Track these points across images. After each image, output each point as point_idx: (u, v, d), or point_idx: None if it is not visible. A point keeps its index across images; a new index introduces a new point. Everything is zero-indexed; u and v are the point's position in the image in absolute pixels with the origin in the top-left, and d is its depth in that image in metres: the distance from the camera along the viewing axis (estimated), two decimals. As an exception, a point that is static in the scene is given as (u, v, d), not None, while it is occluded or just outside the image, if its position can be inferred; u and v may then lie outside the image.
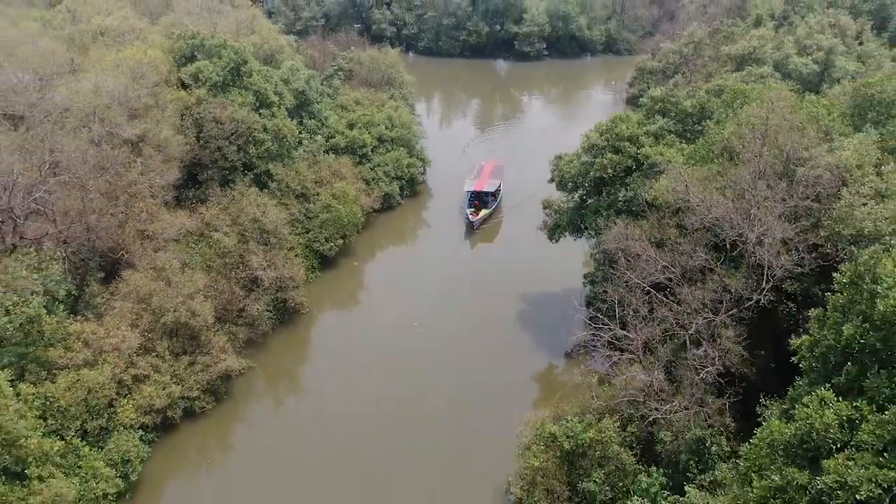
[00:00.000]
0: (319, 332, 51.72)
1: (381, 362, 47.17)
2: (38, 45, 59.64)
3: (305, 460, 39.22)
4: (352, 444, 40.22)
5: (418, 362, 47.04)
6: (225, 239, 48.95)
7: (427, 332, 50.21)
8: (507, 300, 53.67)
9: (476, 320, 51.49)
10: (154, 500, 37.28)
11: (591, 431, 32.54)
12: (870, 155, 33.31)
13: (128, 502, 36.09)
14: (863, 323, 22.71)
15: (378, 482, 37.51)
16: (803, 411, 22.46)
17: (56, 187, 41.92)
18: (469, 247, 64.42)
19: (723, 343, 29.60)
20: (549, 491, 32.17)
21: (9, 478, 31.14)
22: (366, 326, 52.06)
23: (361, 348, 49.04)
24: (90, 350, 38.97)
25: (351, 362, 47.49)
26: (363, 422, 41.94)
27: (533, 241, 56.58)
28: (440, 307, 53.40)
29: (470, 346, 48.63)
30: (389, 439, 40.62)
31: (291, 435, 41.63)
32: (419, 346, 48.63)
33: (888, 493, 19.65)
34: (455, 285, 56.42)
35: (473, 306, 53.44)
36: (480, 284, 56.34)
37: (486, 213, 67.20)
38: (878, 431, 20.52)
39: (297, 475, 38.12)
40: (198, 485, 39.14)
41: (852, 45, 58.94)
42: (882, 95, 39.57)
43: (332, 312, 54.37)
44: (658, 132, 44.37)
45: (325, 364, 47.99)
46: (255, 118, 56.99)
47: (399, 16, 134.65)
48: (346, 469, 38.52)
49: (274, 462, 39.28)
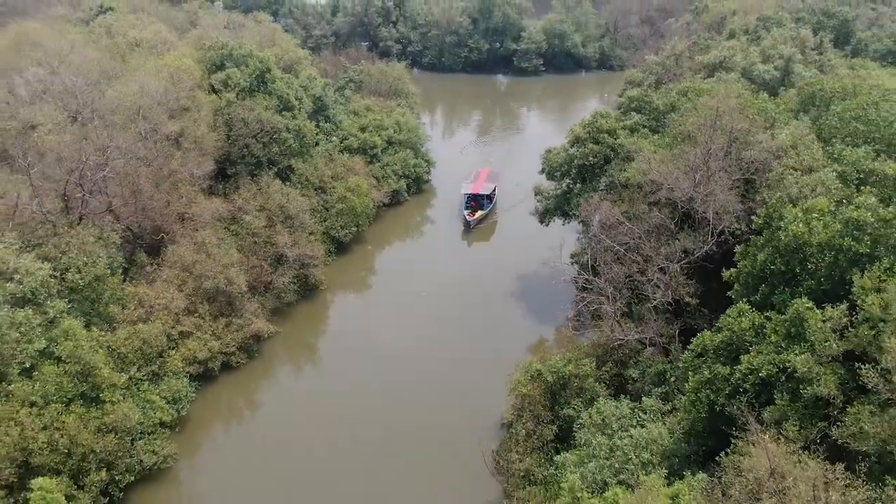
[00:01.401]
0: (336, 303, 58.23)
1: (390, 327, 53.60)
2: (84, 54, 66.81)
3: (325, 411, 45.11)
4: (365, 396, 46.35)
5: (422, 330, 53.28)
6: (255, 221, 55.59)
7: (430, 303, 56.47)
8: (502, 285, 59.42)
9: (473, 301, 57.09)
10: (198, 435, 43.55)
11: (571, 366, 38.96)
12: (804, 138, 39.97)
13: (177, 434, 42.27)
14: (772, 252, 29.25)
15: (387, 424, 43.63)
16: (727, 321, 28.98)
17: (111, 173, 48.71)
18: (466, 244, 70.53)
19: (672, 278, 36.13)
20: (535, 415, 38.47)
21: (87, 401, 37.57)
22: (377, 301, 58.60)
23: (373, 318, 55.54)
24: (143, 309, 45.55)
25: (363, 329, 53.96)
26: (374, 378, 48.19)
27: (527, 239, 62.80)
28: (442, 288, 59.43)
29: (469, 322, 54.48)
30: (398, 390, 46.90)
31: (312, 389, 48.16)
32: (424, 317, 54.97)
33: (783, 372, 26.06)
34: (455, 271, 62.37)
35: (471, 291, 58.74)
36: (477, 273, 61.69)
37: (481, 213, 72.50)
38: (778, 328, 26.97)
39: (317, 424, 44.14)
40: (233, 427, 45.41)
41: (811, 55, 66.02)
42: (821, 93, 46.42)
43: (347, 289, 60.78)
44: (633, 126, 51.25)
45: (342, 329, 54.56)
46: (279, 119, 63.72)
47: (404, 34, 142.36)
48: (361, 412, 44.73)
49: (297, 412, 45.60)
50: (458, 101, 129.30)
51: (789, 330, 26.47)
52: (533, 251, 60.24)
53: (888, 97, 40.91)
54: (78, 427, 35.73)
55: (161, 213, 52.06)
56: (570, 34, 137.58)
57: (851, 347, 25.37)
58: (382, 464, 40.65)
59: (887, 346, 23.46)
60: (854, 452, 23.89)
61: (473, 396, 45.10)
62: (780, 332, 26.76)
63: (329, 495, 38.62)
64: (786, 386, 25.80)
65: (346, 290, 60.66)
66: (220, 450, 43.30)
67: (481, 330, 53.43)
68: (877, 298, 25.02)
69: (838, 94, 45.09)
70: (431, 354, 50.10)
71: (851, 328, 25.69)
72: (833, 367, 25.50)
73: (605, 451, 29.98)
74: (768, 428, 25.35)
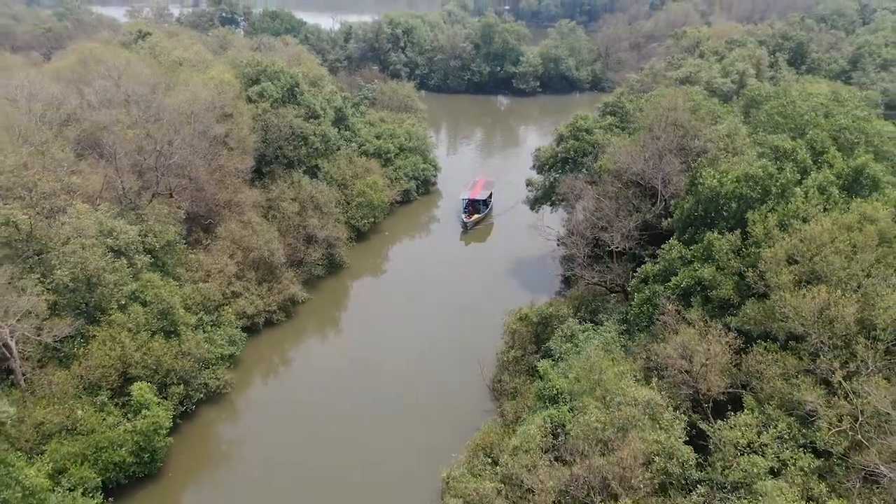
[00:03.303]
0: (357, 280, 68.19)
1: (403, 296, 63.60)
2: (138, 69, 77.59)
3: (347, 365, 54.46)
4: (380, 353, 55.66)
5: (428, 300, 63.17)
6: (290, 207, 65.70)
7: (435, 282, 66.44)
8: (497, 268, 69.54)
9: (472, 282, 67.17)
10: (247, 374, 53.15)
11: (552, 309, 48.74)
12: (737, 129, 50.16)
13: (231, 370, 51.86)
14: (695, 203, 39.24)
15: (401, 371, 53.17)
16: (662, 254, 38.89)
17: (175, 163, 58.91)
18: (464, 244, 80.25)
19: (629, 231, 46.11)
20: (523, 346, 48.18)
21: (167, 334, 47.37)
22: (391, 278, 68.56)
23: (388, 289, 65.54)
24: (203, 271, 55.52)
25: (380, 299, 63.90)
26: (391, 333, 58.02)
27: (520, 238, 72.45)
28: (444, 273, 69.33)
29: (469, 295, 64.41)
30: (411, 347, 56.60)
31: (338, 344, 58.00)
32: (430, 292, 64.84)
33: (698, 283, 35.85)
34: (455, 259, 72.63)
35: (470, 272, 68.89)
36: (475, 259, 72.13)
37: (478, 217, 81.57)
38: (696, 254, 36.84)
39: (343, 368, 53.81)
40: (273, 371, 55.07)
41: (767, 72, 76.51)
42: (759, 97, 56.77)
43: (365, 269, 70.69)
44: (607, 126, 61.52)
45: (362, 300, 64.50)
46: (307, 125, 74.20)
47: (412, 58, 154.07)
48: (376, 366, 54.10)
49: (324, 362, 55.41)
50: (462, 120, 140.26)
51: (703, 254, 36.35)
52: (524, 242, 70.32)
53: (804, 98, 51.19)
54: (162, 350, 45.51)
55: (212, 199, 62.22)
56: (565, 58, 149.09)
57: (743, 264, 35.22)
58: (397, 396, 50.13)
59: (763, 256, 33.36)
60: (744, 333, 33.66)
61: (472, 345, 54.61)
62: (698, 256, 36.63)
63: (351, 421, 47.81)
64: (699, 293, 35.61)
65: (364, 270, 70.59)
66: (263, 386, 52.95)
67: (480, 297, 63.18)
68: (761, 227, 34.96)
69: (770, 97, 55.43)
70: (437, 321, 59.66)
71: (744, 249, 35.58)
72: (732, 277, 35.32)
73: (570, 354, 39.64)
74: (690, 324, 35.11)
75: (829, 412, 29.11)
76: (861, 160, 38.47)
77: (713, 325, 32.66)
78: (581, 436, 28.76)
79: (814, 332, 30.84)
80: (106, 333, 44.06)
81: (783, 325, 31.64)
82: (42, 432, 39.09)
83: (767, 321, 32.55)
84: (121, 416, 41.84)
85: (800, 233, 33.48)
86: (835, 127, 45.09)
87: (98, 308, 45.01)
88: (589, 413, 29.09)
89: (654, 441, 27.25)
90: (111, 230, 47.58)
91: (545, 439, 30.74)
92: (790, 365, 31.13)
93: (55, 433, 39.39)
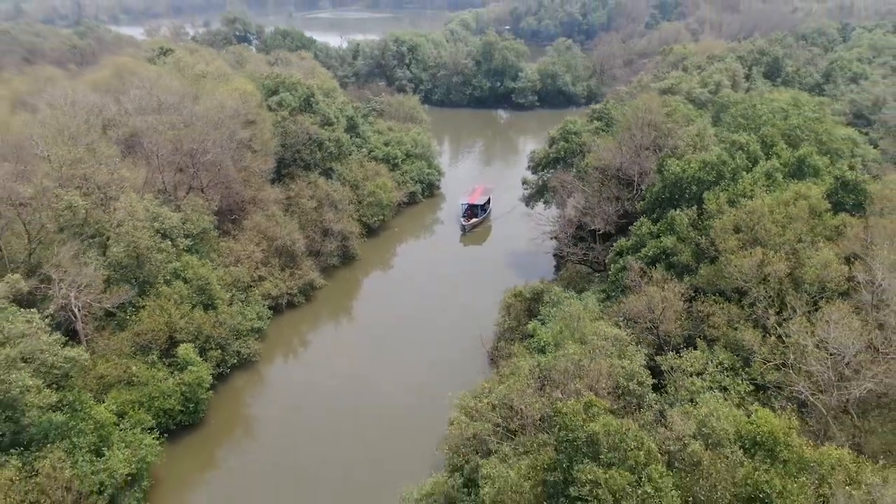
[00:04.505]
0: (367, 271, 74.98)
1: (409, 284, 70.39)
2: (168, 81, 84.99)
3: (361, 342, 61.15)
4: (391, 330, 62.57)
5: (432, 287, 69.92)
6: (308, 203, 72.64)
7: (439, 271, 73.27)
8: (495, 260, 76.26)
9: (472, 272, 73.94)
10: (272, 347, 59.74)
11: (543, 286, 55.40)
12: (706, 130, 57.14)
13: (259, 342, 58.40)
14: (662, 186, 46.10)
15: (411, 342, 59.95)
16: (634, 230, 45.65)
17: (207, 162, 65.94)
18: (463, 245, 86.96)
19: (608, 218, 52.94)
20: (517, 319, 54.78)
21: (205, 307, 54.04)
22: (399, 269, 75.33)
23: (396, 278, 72.31)
24: (233, 257, 62.32)
25: (389, 286, 70.66)
26: (399, 315, 64.75)
27: (515, 238, 79.08)
28: (447, 265, 76.16)
29: (467, 281, 71.23)
30: (419, 325, 63.29)
31: (353, 322, 64.68)
32: (433, 282, 71.61)
33: (663, 252, 42.58)
34: (457, 253, 79.42)
35: (470, 264, 75.83)
36: (475, 254, 78.94)
37: (476, 220, 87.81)
38: (661, 228, 43.62)
39: (357, 350, 60.51)
40: (294, 345, 61.72)
41: (742, 83, 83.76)
42: (728, 103, 63.87)
43: (376, 261, 77.49)
44: (594, 129, 68.58)
45: (372, 286, 71.23)
46: (322, 132, 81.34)
47: (417, 74, 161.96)
48: (386, 342, 60.93)
49: (340, 338, 62.17)
50: (464, 133, 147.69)
51: (667, 228, 43.15)
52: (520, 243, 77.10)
53: (765, 103, 58.28)
54: (202, 319, 52.21)
55: (239, 195, 69.15)
56: (562, 75, 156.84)
57: (699, 234, 41.98)
58: (407, 364, 56.80)
59: (714, 226, 40.15)
60: (700, 290, 40.35)
61: (473, 320, 61.26)
62: (663, 230, 43.42)
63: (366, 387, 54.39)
64: (664, 259, 42.35)
65: (375, 262, 77.42)
66: (284, 359, 59.59)
67: (479, 284, 69.83)
68: (714, 203, 41.77)
69: (737, 102, 62.55)
70: (435, 307, 66.33)
71: (700, 222, 42.38)
72: (690, 245, 42.07)
73: (556, 316, 46.24)
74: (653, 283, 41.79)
75: (763, 349, 35.73)
76: (803, 151, 45.38)
77: (671, 281, 39.37)
78: (561, 368, 35.28)
79: (753, 286, 37.55)
80: (154, 303, 50.78)
81: (729, 281, 38.36)
82: (104, 383, 45.65)
83: (717, 279, 39.27)
84: (168, 372, 48.44)
85: (745, 207, 40.29)
86: (788, 126, 52.04)
87: (146, 282, 51.78)
88: (567, 348, 35.64)
89: (619, 366, 33.77)
90: (157, 215, 54.44)
91: (533, 373, 37.22)
92: (734, 313, 37.81)
93: (115, 384, 45.96)
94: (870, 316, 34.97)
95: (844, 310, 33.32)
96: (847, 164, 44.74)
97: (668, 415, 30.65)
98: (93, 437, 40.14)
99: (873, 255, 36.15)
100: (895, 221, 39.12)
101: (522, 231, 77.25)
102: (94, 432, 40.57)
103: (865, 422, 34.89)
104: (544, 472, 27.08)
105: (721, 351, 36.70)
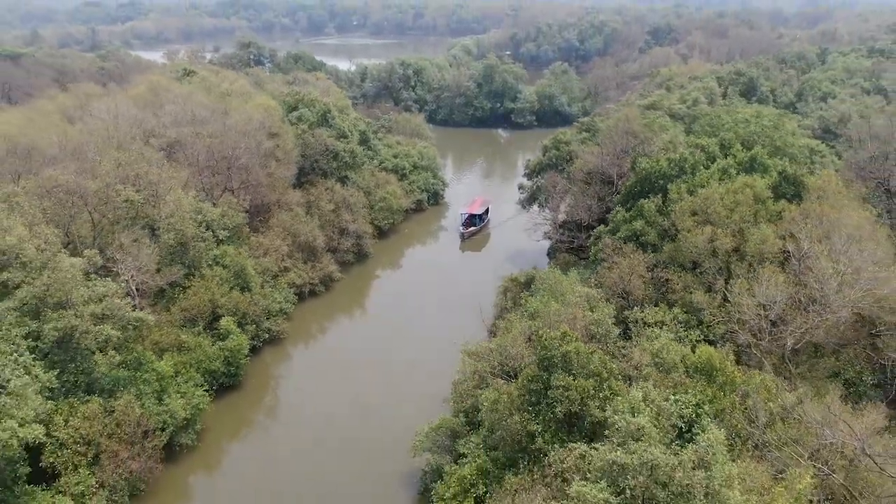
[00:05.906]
0: (379, 268, 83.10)
1: (418, 275, 78.38)
2: (198, 97, 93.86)
3: (372, 331, 69.31)
4: (399, 315, 70.60)
5: (435, 280, 78.01)
6: (327, 206, 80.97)
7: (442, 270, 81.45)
8: (494, 258, 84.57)
9: (472, 270, 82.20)
10: (296, 328, 67.66)
11: (535, 272, 63.40)
12: (677, 137, 65.61)
13: (284, 322, 66.26)
14: (635, 181, 54.36)
15: (414, 319, 67.88)
16: (611, 217, 53.81)
17: (239, 166, 74.38)
18: (463, 250, 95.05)
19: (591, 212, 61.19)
20: (513, 300, 62.69)
21: (241, 290, 62.07)
22: (408, 265, 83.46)
23: (406, 273, 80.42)
24: (262, 249, 70.48)
25: (400, 279, 78.73)
26: (409, 303, 72.76)
27: (512, 242, 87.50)
28: (451, 263, 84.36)
29: (469, 275, 79.37)
30: (426, 312, 71.25)
31: (370, 312, 72.76)
32: (436, 273, 79.72)
33: (634, 233, 50.71)
34: (459, 253, 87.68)
35: (471, 263, 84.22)
36: (476, 256, 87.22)
37: (474, 229, 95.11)
38: (633, 215, 51.81)
39: (373, 330, 68.55)
40: (315, 327, 69.67)
41: (718, 100, 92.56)
42: (699, 115, 72.44)
43: (386, 260, 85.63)
44: (582, 139, 77.15)
45: (384, 279, 79.30)
46: (338, 143, 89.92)
47: (421, 96, 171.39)
48: (400, 316, 68.96)
49: (356, 323, 70.02)
50: (466, 150, 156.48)
51: (637, 214, 51.33)
52: (517, 242, 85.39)
53: (730, 114, 66.86)
54: (239, 299, 60.23)
55: (265, 198, 77.51)
56: (559, 96, 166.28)
57: (663, 218, 50.10)
58: (416, 342, 64.69)
59: (675, 210, 48.35)
60: (664, 264, 48.40)
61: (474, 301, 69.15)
62: (634, 216, 51.59)
63: (378, 363, 62.31)
64: (634, 240, 50.47)
65: (386, 259, 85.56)
66: (308, 337, 67.52)
67: (479, 279, 77.93)
68: (676, 192, 50.00)
69: (709, 115, 71.18)
70: (436, 295, 74.38)
71: (664, 208, 50.55)
72: (656, 228, 50.20)
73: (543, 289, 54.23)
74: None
75: (712, 307, 43.71)
76: (754, 151, 53.71)
77: (637, 252, 47.49)
78: (545, 323, 43.22)
79: (705, 258, 45.64)
80: (199, 284, 58.86)
81: (686, 255, 46.44)
82: (159, 348, 53.51)
83: (677, 254, 47.35)
84: (212, 341, 56.32)
85: (700, 195, 48.51)
86: (746, 132, 60.49)
87: (192, 266, 59.88)
88: (550, 306, 43.60)
89: (591, 318, 41.72)
90: (199, 209, 62.74)
91: (524, 332, 45.12)
92: (689, 280, 45.83)
93: (168, 349, 53.82)
94: (797, 278, 42.99)
95: (772, 270, 41.36)
96: (788, 161, 53.09)
97: (629, 350, 38.57)
98: (156, 386, 48.03)
99: (802, 231, 44.30)
100: (824, 206, 47.26)
101: (520, 236, 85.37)
102: (157, 382, 48.45)
103: (798, 368, 42.79)
104: (529, 383, 34.94)
105: (679, 310, 44.63)
